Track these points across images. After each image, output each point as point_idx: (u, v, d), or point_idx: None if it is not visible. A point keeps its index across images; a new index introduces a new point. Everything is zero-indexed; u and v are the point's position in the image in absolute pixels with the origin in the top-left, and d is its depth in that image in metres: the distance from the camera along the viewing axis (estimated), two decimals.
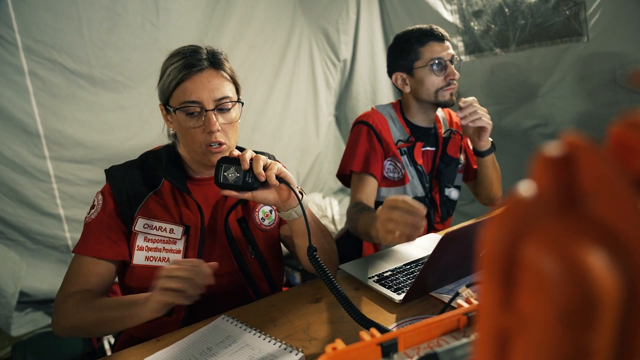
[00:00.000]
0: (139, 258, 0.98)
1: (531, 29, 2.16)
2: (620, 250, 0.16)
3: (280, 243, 1.17)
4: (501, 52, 2.32)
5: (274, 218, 1.12)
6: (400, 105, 1.48)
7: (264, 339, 0.81)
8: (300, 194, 0.89)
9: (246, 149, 0.88)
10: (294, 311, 0.93)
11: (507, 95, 2.36)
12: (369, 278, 1.03)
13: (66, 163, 2.10)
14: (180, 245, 0.99)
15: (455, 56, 1.38)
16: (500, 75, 2.36)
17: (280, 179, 0.86)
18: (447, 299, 0.90)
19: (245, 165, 0.84)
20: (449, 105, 1.39)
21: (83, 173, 2.15)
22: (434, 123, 1.48)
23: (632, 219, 0.16)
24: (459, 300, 0.58)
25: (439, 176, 1.46)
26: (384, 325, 0.80)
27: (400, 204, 0.88)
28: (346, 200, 3.17)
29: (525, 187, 0.19)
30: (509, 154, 2.26)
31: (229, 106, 0.98)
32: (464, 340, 0.46)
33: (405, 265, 1.10)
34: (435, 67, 1.34)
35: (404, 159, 1.40)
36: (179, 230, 0.99)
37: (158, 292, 0.80)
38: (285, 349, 0.77)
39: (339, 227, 2.91)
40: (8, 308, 1.96)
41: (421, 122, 1.44)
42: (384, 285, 0.99)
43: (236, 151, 0.87)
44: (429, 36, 1.35)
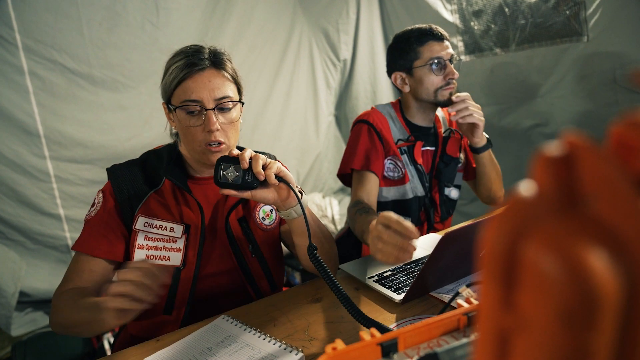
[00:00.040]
0: (140, 256, 0.98)
1: (531, 29, 2.16)
2: (621, 250, 0.16)
3: (281, 243, 1.17)
4: (501, 52, 2.32)
5: (274, 218, 1.12)
6: (399, 104, 1.48)
7: (264, 339, 0.81)
8: (299, 193, 0.89)
9: (245, 148, 0.88)
10: (294, 311, 0.93)
11: (507, 95, 2.36)
12: (369, 278, 1.03)
13: (66, 163, 2.10)
14: (180, 244, 0.99)
15: (455, 55, 1.38)
16: (500, 75, 2.36)
17: (279, 178, 0.86)
18: (447, 298, 0.90)
19: (245, 165, 0.84)
20: (449, 104, 1.38)
21: (83, 173, 2.15)
22: (434, 123, 1.48)
23: (633, 218, 0.16)
24: (459, 300, 0.58)
25: (439, 176, 1.45)
26: (384, 324, 0.80)
27: (393, 224, 0.85)
28: (346, 200, 3.17)
29: (526, 187, 0.19)
30: (509, 153, 2.27)
31: (229, 106, 0.98)
32: (464, 340, 0.46)
33: (405, 265, 1.09)
34: (434, 67, 1.34)
35: (404, 158, 1.40)
36: (179, 229, 0.99)
37: (109, 299, 0.75)
38: (285, 349, 0.77)
39: (339, 227, 2.91)
40: (8, 308, 1.96)
41: (421, 122, 1.44)
42: (384, 285, 0.99)
43: (235, 150, 0.87)
44: (428, 36, 1.35)
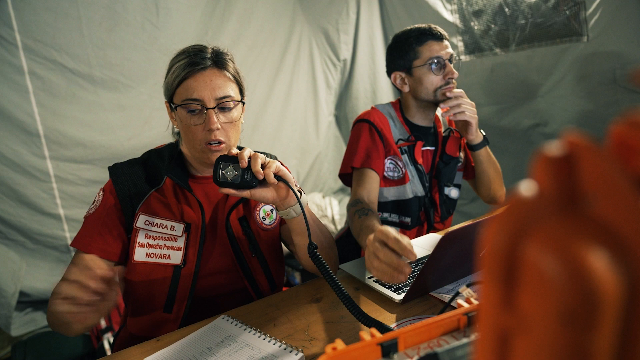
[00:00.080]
0: (140, 254, 0.98)
1: (531, 29, 2.16)
2: (622, 250, 0.16)
3: (281, 243, 1.17)
4: (501, 52, 2.32)
5: (274, 217, 1.12)
6: (399, 104, 1.48)
7: (264, 339, 0.81)
8: (298, 193, 0.89)
9: (244, 148, 0.88)
10: (294, 311, 0.93)
11: (507, 95, 2.36)
12: (369, 278, 1.03)
13: (66, 163, 2.10)
14: (181, 242, 0.99)
15: (454, 55, 1.38)
16: (500, 75, 2.36)
17: (278, 177, 0.86)
18: (447, 298, 0.90)
19: (244, 164, 0.84)
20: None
21: (83, 173, 2.15)
22: (434, 122, 1.48)
23: (634, 218, 0.16)
24: (459, 300, 0.58)
25: (439, 175, 1.45)
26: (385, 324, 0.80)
27: (391, 242, 0.81)
28: (346, 200, 3.17)
29: (526, 187, 0.19)
30: (509, 153, 2.27)
31: (230, 105, 0.98)
32: (464, 340, 0.46)
33: None
34: (434, 66, 1.34)
35: (405, 158, 1.40)
36: (179, 227, 1.00)
37: (59, 301, 0.72)
38: (285, 349, 0.77)
39: (339, 227, 2.91)
40: (8, 308, 1.96)
41: (421, 122, 1.44)
42: (384, 285, 0.99)
43: (234, 149, 0.87)
44: (427, 35, 1.35)
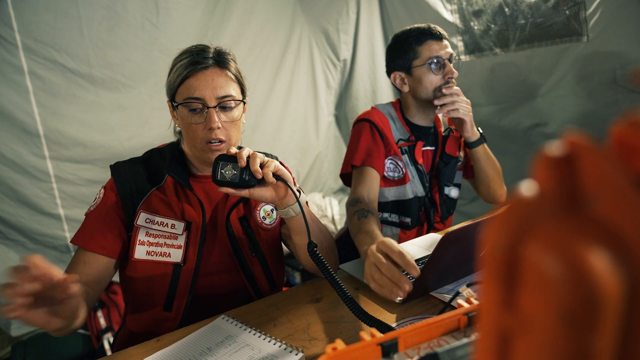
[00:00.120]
0: (140, 252, 0.98)
1: (531, 29, 2.16)
2: (623, 250, 0.16)
3: (282, 243, 1.17)
4: (501, 52, 2.32)
5: (275, 217, 1.12)
6: (399, 104, 1.48)
7: (264, 339, 0.81)
8: (297, 192, 0.89)
9: (243, 147, 0.88)
10: (294, 311, 0.93)
11: (507, 95, 2.36)
12: None
13: (66, 163, 2.10)
14: (181, 240, 1.00)
15: (454, 55, 1.38)
16: (500, 75, 2.36)
17: (277, 176, 0.86)
18: (448, 298, 0.90)
19: (242, 163, 0.84)
20: None
21: (83, 173, 2.15)
22: (434, 122, 1.48)
23: (635, 218, 0.16)
24: (460, 300, 0.58)
25: (439, 175, 1.45)
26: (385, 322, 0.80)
27: (395, 255, 0.79)
28: (346, 200, 3.17)
29: (527, 187, 0.19)
30: (509, 153, 2.27)
31: (231, 105, 0.98)
32: (465, 340, 0.46)
33: None
34: (433, 66, 1.34)
35: (405, 158, 1.40)
36: (180, 225, 1.00)
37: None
38: (285, 349, 0.77)
39: (339, 227, 2.91)
40: None
41: (421, 122, 1.44)
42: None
43: (233, 149, 0.87)
44: (427, 35, 1.35)
